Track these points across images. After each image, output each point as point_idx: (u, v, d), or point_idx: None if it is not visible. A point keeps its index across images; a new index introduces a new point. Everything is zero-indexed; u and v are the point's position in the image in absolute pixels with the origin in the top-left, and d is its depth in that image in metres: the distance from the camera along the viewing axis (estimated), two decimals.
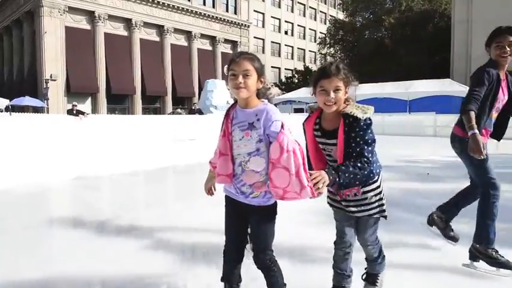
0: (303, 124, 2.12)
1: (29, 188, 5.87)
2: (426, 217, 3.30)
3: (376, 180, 2.11)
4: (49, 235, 3.91)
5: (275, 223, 1.96)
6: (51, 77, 30.00)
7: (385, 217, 2.15)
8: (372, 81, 27.41)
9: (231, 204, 2.00)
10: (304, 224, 3.92)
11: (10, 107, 23.09)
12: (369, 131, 1.91)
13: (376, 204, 2.11)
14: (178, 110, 25.04)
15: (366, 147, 1.89)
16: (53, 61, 30.84)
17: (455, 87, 21.61)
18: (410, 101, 21.66)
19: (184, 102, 38.65)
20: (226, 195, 2.02)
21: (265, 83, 1.91)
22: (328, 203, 2.26)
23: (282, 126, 1.79)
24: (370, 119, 1.93)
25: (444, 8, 36.64)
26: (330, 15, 57.81)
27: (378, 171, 2.12)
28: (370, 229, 2.19)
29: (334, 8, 61.13)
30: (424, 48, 34.18)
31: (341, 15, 50.17)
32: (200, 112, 18.25)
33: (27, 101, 25.27)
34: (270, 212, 1.94)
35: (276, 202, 1.95)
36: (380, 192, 2.12)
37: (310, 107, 2.17)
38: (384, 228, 3.73)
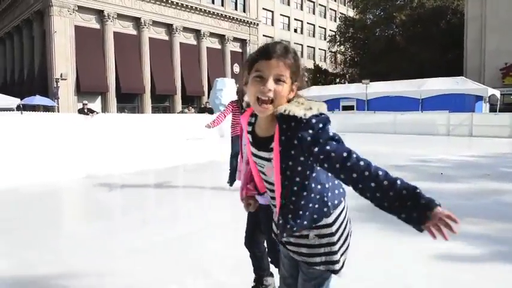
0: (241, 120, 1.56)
1: (40, 186, 5.86)
2: None
3: (329, 215, 1.41)
4: (59, 233, 3.87)
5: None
6: (61, 76, 30.23)
7: (335, 272, 1.45)
8: (383, 79, 27.16)
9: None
10: None
11: (21, 106, 23.30)
12: (327, 132, 1.27)
13: (322, 250, 1.42)
14: (186, 110, 25.07)
15: (333, 142, 1.26)
16: (63, 60, 31.08)
17: (468, 85, 21.26)
18: (423, 99, 21.36)
19: (194, 101, 38.72)
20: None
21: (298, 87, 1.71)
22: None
23: None
24: (324, 118, 1.29)
25: (457, 5, 36.15)
26: (340, 13, 57.44)
27: (335, 202, 1.44)
28: (310, 284, 1.47)
29: (344, 6, 60.70)
30: (437, 45, 33.75)
31: (351, 13, 49.79)
32: (210, 111, 18.21)
33: (38, 100, 25.49)
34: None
35: None
36: (332, 235, 1.42)
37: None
38: (394, 228, 3.64)
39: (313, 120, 1.25)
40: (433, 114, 18.68)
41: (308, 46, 56.41)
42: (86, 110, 12.92)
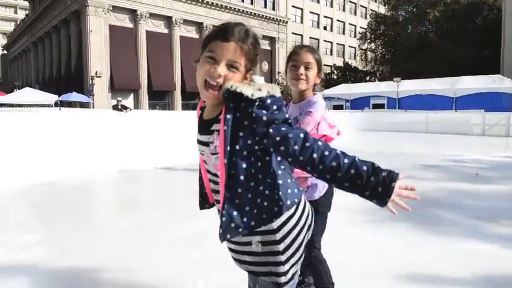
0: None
1: (76, 179, 6.13)
2: (475, 219, 3.12)
3: (277, 218, 1.22)
4: (93, 224, 4.04)
5: (324, 220, 1.91)
6: (96, 73, 31.23)
7: (279, 285, 1.26)
8: (415, 77, 26.49)
9: None
10: (351, 222, 3.82)
11: (59, 102, 24.25)
12: (283, 113, 1.15)
13: (265, 259, 1.24)
14: None
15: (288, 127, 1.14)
16: (98, 58, 32.08)
17: (505, 84, 20.42)
18: (457, 98, 20.70)
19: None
20: None
21: (322, 79, 1.87)
22: None
23: (309, 114, 1.75)
24: (280, 100, 1.16)
25: (494, 0, 34.69)
26: (371, 10, 56.33)
27: (287, 202, 1.23)
28: None
29: (375, 2, 59.48)
30: (472, 42, 32.53)
31: (382, 9, 48.71)
32: None
33: (74, 96, 26.43)
34: (315, 207, 1.57)
35: (324, 197, 1.90)
36: (276, 243, 1.22)
37: None
38: (430, 229, 3.60)
39: (269, 101, 1.13)
40: (467, 113, 18.07)
41: (338, 43, 55.67)
42: (119, 107, 13.33)
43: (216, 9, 39.59)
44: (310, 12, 51.47)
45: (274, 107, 1.13)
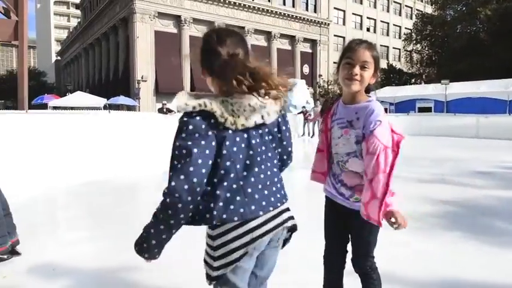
0: None
1: (125, 179, 6.38)
2: None
3: (212, 225, 1.26)
4: (140, 223, 4.19)
5: (378, 230, 1.80)
6: (142, 78, 32.44)
7: (207, 277, 1.33)
8: (465, 79, 25.28)
9: (330, 205, 1.83)
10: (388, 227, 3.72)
11: (107, 105, 25.41)
12: (179, 135, 1.18)
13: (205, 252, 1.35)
14: None
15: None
16: (144, 63, 33.32)
17: None
18: (511, 101, 19.54)
19: None
20: (326, 196, 1.86)
21: (378, 78, 1.70)
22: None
23: (376, 125, 1.58)
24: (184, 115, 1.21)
25: None
26: (417, 10, 54.48)
27: (223, 216, 1.21)
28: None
29: (422, 2, 57.50)
30: None
31: (429, 9, 46.95)
32: None
33: (122, 100, 27.59)
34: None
35: None
36: (212, 248, 1.28)
37: None
38: (480, 238, 3.43)
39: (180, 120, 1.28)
40: None
41: (381, 45, 54.29)
42: (165, 110, 13.79)
43: (257, 13, 39.92)
44: (353, 13, 50.64)
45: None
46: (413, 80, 42.53)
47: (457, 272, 2.75)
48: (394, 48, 55.12)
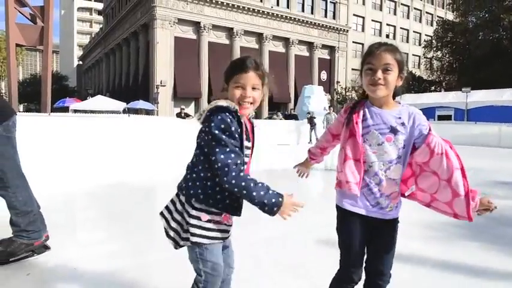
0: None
1: (142, 181, 6.45)
2: None
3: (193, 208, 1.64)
4: (156, 225, 4.23)
5: None
6: (161, 83, 32.89)
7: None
8: (486, 87, 24.78)
9: (360, 221, 1.65)
10: (408, 237, 3.65)
11: (127, 109, 25.81)
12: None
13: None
14: (274, 116, 25.50)
15: None
16: (163, 68, 33.80)
17: None
18: None
19: (280, 108, 39.27)
20: (351, 211, 1.65)
21: (405, 80, 1.65)
22: (213, 238, 1.63)
23: (430, 128, 1.59)
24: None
25: None
26: (438, 16, 53.80)
27: (209, 201, 1.62)
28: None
29: (443, 8, 56.75)
30: None
31: (450, 16, 46.32)
32: (295, 117, 18.32)
33: (141, 104, 28.01)
34: (396, 225, 1.73)
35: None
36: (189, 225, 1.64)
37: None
38: (503, 249, 3.34)
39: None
40: None
41: None
42: (183, 115, 13.96)
43: (276, 20, 40.08)
44: (372, 20, 50.33)
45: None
46: (433, 88, 41.90)
47: (477, 285, 2.68)
48: (413, 55, 54.46)
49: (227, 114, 1.50)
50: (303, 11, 42.46)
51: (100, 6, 69.28)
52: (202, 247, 1.58)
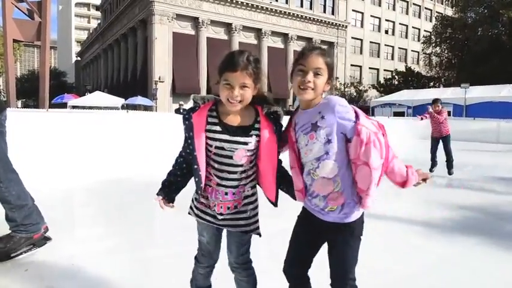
0: (190, 115, 1.66)
1: (141, 177, 6.42)
2: None
3: (256, 192, 1.77)
4: (157, 220, 4.22)
5: (358, 246, 1.64)
6: (159, 78, 32.80)
7: (260, 234, 1.80)
8: (485, 83, 24.80)
9: (306, 215, 1.70)
10: (409, 232, 3.66)
11: (125, 105, 25.76)
12: None
13: (254, 219, 1.77)
14: None
15: None
16: (161, 64, 33.69)
17: None
18: None
19: (279, 104, 39.15)
20: (303, 207, 1.74)
21: (332, 86, 1.69)
22: (196, 215, 1.80)
23: (357, 116, 1.50)
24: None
25: None
26: (437, 12, 53.64)
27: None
28: (244, 247, 1.81)
29: (442, 4, 56.63)
30: None
31: (449, 11, 46.22)
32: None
33: (139, 100, 27.94)
34: (351, 231, 1.61)
35: (359, 220, 1.62)
36: (257, 207, 1.78)
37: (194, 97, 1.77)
38: (502, 244, 3.34)
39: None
40: None
41: (400, 48, 53.70)
42: (181, 111, 13.93)
43: (274, 15, 39.93)
44: (371, 16, 50.17)
45: None
46: (431, 84, 41.88)
47: (477, 279, 2.68)
48: (412, 51, 54.39)
49: (185, 115, 1.69)
50: (301, 6, 42.30)
51: (98, 1, 68.89)
52: None
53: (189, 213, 1.84)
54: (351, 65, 47.74)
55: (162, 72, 33.46)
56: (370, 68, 50.52)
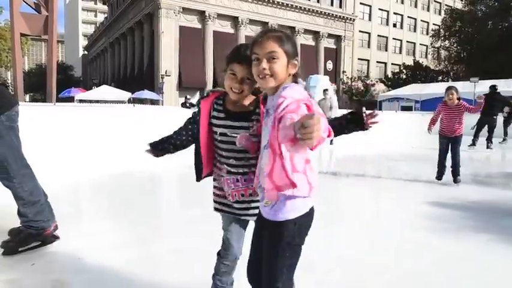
0: (200, 102, 1.76)
1: (148, 172, 6.44)
2: None
3: None
4: (163, 214, 4.22)
5: (290, 252, 1.41)
6: (166, 72, 32.81)
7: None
8: (495, 77, 24.44)
9: (258, 219, 1.58)
10: (416, 228, 3.61)
11: (131, 99, 25.82)
12: None
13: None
14: None
15: None
16: (168, 58, 33.67)
17: None
18: None
19: None
20: None
21: (299, 66, 1.49)
22: (215, 208, 1.81)
23: (287, 106, 1.27)
24: None
25: None
26: (446, 5, 52.89)
27: None
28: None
29: None
30: None
31: (459, 5, 45.56)
32: None
33: (146, 94, 27.99)
34: (280, 231, 1.39)
35: (294, 222, 1.39)
36: None
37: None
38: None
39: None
40: None
41: (408, 41, 53.12)
42: (188, 104, 13.90)
43: (281, 9, 39.68)
44: (379, 9, 49.63)
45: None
46: (440, 78, 41.44)
47: (488, 277, 2.63)
48: (421, 44, 53.80)
49: (197, 102, 1.79)
50: None
51: None
52: None
53: (214, 210, 1.84)
54: (359, 59, 47.35)
55: (169, 66, 33.45)
56: (377, 62, 50.07)
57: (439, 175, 5.73)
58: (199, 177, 1.82)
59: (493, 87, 10.98)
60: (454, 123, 5.60)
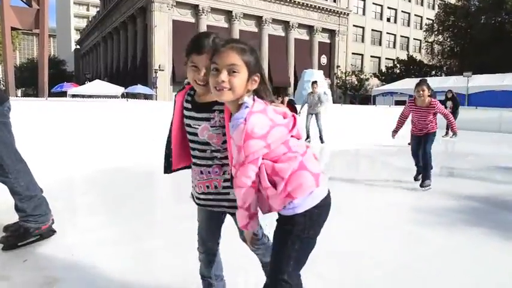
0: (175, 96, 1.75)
1: (141, 166, 6.40)
2: None
3: None
4: (157, 210, 4.21)
5: (300, 244, 1.41)
6: (159, 67, 32.59)
7: None
8: (488, 72, 24.61)
9: None
10: (413, 222, 3.63)
11: (125, 94, 25.65)
12: None
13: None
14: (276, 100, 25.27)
15: None
16: (161, 52, 33.45)
17: None
18: None
19: (279, 92, 39.04)
20: None
21: (265, 83, 1.44)
22: (191, 197, 1.86)
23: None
24: None
25: None
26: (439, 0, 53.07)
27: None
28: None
29: None
30: None
31: None
32: (292, 102, 18.10)
33: (139, 89, 27.82)
34: (290, 224, 1.44)
35: (304, 214, 1.40)
36: None
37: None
38: (504, 235, 3.32)
39: None
40: None
41: (402, 36, 53.19)
42: None
43: (275, 3, 39.52)
44: (373, 3, 49.60)
45: None
46: (433, 72, 41.62)
47: (479, 270, 2.66)
48: (414, 39, 53.92)
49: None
50: None
51: None
52: None
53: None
54: (352, 53, 47.38)
55: (162, 60, 33.25)
56: (371, 56, 50.14)
57: (417, 174, 5.19)
58: (168, 170, 1.84)
59: None
60: (427, 125, 4.97)
